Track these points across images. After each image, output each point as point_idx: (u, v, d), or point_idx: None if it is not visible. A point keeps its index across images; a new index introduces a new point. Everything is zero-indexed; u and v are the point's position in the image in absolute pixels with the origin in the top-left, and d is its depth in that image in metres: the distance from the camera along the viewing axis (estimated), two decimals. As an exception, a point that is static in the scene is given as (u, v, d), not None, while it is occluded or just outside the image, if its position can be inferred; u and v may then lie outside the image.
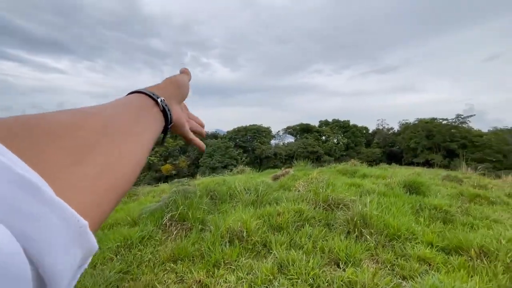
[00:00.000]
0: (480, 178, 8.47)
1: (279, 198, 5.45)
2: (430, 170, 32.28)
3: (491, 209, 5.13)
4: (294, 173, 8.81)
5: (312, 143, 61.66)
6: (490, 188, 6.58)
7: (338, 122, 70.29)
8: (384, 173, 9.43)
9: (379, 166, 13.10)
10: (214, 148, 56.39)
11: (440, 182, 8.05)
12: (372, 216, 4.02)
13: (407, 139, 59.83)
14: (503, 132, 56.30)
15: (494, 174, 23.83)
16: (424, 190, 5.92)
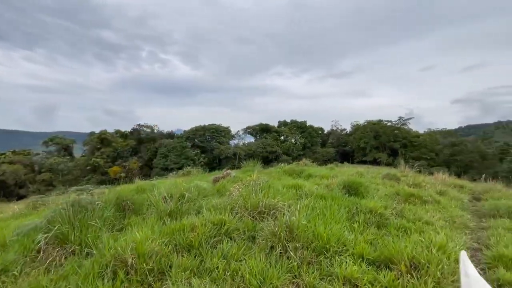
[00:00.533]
0: (416, 176, 8.74)
1: (203, 207, 4.61)
2: (376, 168, 34.57)
3: (423, 209, 5.00)
4: (236, 175, 8.08)
5: (271, 143, 62.30)
6: (423, 186, 6.65)
7: (296, 122, 72.28)
8: (329, 173, 9.25)
9: (327, 166, 13.10)
10: (169, 149, 53.29)
11: (380, 181, 8.06)
12: (300, 226, 3.41)
13: (357, 139, 64.11)
14: (436, 133, 63.90)
15: (428, 171, 26.34)
16: (362, 191, 5.63)
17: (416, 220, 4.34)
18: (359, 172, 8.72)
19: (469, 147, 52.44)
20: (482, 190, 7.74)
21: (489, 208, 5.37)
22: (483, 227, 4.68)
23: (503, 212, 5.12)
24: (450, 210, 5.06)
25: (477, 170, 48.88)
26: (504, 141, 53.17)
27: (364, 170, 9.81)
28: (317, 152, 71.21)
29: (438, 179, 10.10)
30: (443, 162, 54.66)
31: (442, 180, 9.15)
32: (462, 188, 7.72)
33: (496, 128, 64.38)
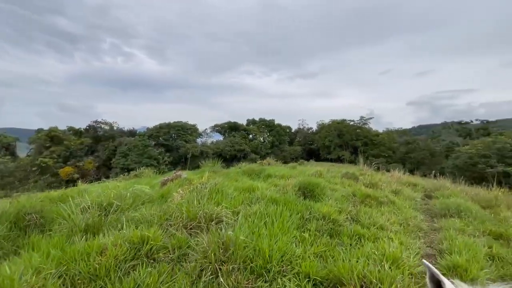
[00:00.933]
0: (373, 175, 8.74)
1: (131, 219, 3.82)
2: (337, 167, 35.53)
3: (379, 211, 4.75)
4: (187, 177, 7.29)
5: (240, 142, 61.64)
6: (380, 185, 6.52)
7: (264, 121, 72.48)
8: (290, 173, 8.89)
9: (290, 165, 12.80)
10: (130, 147, 49.80)
11: (339, 181, 7.87)
12: (238, 242, 2.83)
13: (322, 137, 66.29)
14: (393, 132, 68.72)
15: (386, 168, 27.82)
16: (318, 193, 5.25)
17: (371, 225, 4.02)
18: (319, 171, 8.48)
19: (421, 145, 57.16)
20: (433, 187, 7.96)
21: (440, 208, 5.34)
22: (435, 228, 4.56)
23: (453, 212, 5.10)
24: (404, 212, 4.88)
25: (427, 166, 53.44)
26: (449, 140, 58.85)
27: (324, 170, 9.65)
28: (285, 150, 72.27)
29: (394, 177, 10.34)
30: (399, 159, 58.92)
31: (398, 179, 9.31)
32: (416, 186, 7.85)
33: (443, 128, 71.07)
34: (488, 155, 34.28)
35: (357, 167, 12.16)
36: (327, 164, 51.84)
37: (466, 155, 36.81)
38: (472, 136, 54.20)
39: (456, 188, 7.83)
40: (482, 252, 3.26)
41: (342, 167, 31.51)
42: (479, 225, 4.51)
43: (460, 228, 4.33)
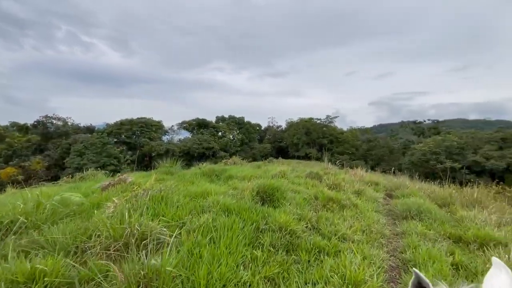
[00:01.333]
0: (336, 174, 8.57)
1: (32, 242, 2.94)
2: (303, 165, 35.91)
3: (341, 216, 4.39)
4: (133, 180, 6.37)
5: (208, 139, 60.03)
6: (342, 186, 6.26)
7: (234, 118, 71.60)
8: (253, 173, 8.35)
9: (256, 163, 12.29)
10: (86, 145, 45.60)
11: (303, 181, 7.53)
12: (164, 274, 2.17)
13: (291, 135, 67.42)
14: (356, 130, 72.33)
15: (350, 165, 28.53)
16: (278, 197, 4.76)
17: (332, 234, 3.62)
18: (283, 171, 8.07)
19: (381, 143, 60.92)
20: (394, 186, 8.01)
21: (402, 209, 5.19)
22: (398, 233, 4.34)
23: (414, 213, 4.96)
24: (367, 216, 4.61)
25: (386, 162, 57.16)
26: (406, 138, 63.57)
27: (288, 169, 9.30)
28: (255, 148, 72.22)
29: (357, 176, 10.38)
30: (362, 156, 62.24)
31: (360, 177, 9.30)
32: (377, 185, 7.83)
33: (400, 127, 76.66)
34: (438, 152, 37.49)
35: (322, 165, 12.11)
36: (295, 161, 52.81)
37: (420, 152, 39.88)
38: (425, 135, 59.09)
39: (415, 186, 7.96)
40: (447, 263, 3.00)
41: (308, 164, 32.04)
42: (439, 227, 4.39)
43: (422, 232, 4.14)
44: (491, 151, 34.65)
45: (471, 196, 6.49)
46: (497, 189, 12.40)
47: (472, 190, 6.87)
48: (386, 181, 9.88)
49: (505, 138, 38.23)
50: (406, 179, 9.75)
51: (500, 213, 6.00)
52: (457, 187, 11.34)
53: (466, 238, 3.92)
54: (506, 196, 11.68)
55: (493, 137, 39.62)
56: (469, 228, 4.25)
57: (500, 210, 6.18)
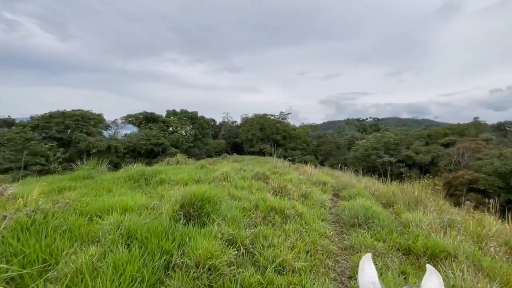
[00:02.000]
0: (284, 174, 7.98)
1: None
2: (259, 159, 35.70)
3: (283, 232, 3.63)
4: (15, 193, 4.70)
5: (157, 134, 55.80)
6: (288, 190, 5.59)
7: (186, 112, 68.02)
8: (192, 176, 7.22)
9: (199, 163, 11.10)
10: (3, 141, 38.00)
11: (248, 184, 6.70)
12: None
13: (245, 131, 67.08)
14: (307, 127, 75.57)
15: (301, 159, 29.10)
16: (209, 210, 3.79)
17: (269, 262, 2.80)
18: (225, 173, 7.12)
19: (329, 139, 64.66)
20: (341, 185, 7.76)
21: (349, 215, 4.72)
22: (346, 247, 3.76)
23: (362, 220, 4.52)
24: (313, 227, 3.95)
25: (334, 157, 60.99)
26: (351, 134, 68.64)
27: (233, 169, 8.40)
28: (209, 144, 69.94)
29: (306, 174, 10.05)
30: (312, 151, 65.32)
31: (309, 176, 8.91)
32: (325, 185, 7.46)
33: (346, 124, 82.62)
34: (378, 148, 41.07)
35: (276, 161, 11.56)
36: (249, 157, 52.63)
37: (363, 148, 43.22)
38: (367, 132, 64.60)
39: (360, 185, 7.82)
40: None
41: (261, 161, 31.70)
42: (388, 236, 3.97)
43: (371, 244, 3.64)
44: (420, 147, 39.27)
45: (412, 195, 6.47)
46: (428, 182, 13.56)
47: (412, 188, 6.90)
48: (334, 180, 9.72)
49: (430, 135, 43.78)
50: (352, 176, 9.73)
51: (438, 211, 6.04)
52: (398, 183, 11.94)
53: (416, 250, 3.52)
54: (436, 189, 12.69)
55: (421, 134, 45.06)
56: (417, 235, 3.91)
57: (439, 208, 6.24)
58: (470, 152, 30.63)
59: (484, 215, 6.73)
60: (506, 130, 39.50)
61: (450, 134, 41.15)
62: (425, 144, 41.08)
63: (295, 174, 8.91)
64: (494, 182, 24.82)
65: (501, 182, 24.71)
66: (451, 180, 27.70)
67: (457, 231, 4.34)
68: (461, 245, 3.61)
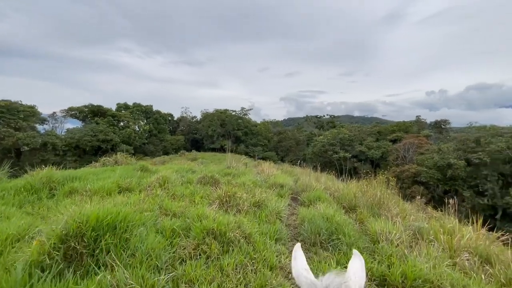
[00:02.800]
0: (238, 176, 6.92)
1: None
2: (219, 155, 34.29)
3: (219, 271, 2.52)
4: None
5: (106, 130, 50.25)
6: (238, 198, 4.51)
7: (140, 106, 62.74)
8: (119, 183, 5.71)
9: (139, 164, 9.41)
10: None
11: (190, 190, 5.46)
12: None
13: (205, 127, 64.65)
14: (268, 123, 75.90)
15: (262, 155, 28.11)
16: (112, 243, 2.50)
17: None
18: (164, 177, 5.76)
19: (289, 135, 65.76)
20: (300, 187, 6.97)
21: (310, 230, 3.82)
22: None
23: (324, 237, 3.66)
24: (263, 256, 2.92)
25: (294, 153, 62.26)
26: (309, 130, 70.81)
27: (177, 170, 7.06)
28: (166, 140, 65.71)
29: (263, 173, 9.14)
30: (273, 148, 65.79)
31: (266, 177, 7.98)
32: (283, 188, 6.58)
33: (305, 120, 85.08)
34: (334, 144, 42.68)
35: (231, 160, 10.46)
36: (209, 154, 50.58)
37: (320, 144, 44.54)
38: (324, 128, 67.18)
39: (320, 186, 7.14)
40: None
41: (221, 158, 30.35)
42: (356, 259, 3.16)
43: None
44: (372, 142, 41.84)
45: (374, 198, 5.94)
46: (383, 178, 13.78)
47: (373, 189, 6.39)
48: (292, 180, 8.97)
49: (380, 132, 47.01)
50: (311, 175, 9.10)
51: (402, 214, 5.57)
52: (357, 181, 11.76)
53: (393, 280, 2.72)
54: (391, 185, 12.85)
55: (372, 130, 48.13)
56: (390, 256, 3.15)
57: (402, 211, 5.78)
58: (414, 148, 33.43)
59: (443, 215, 6.51)
60: (441, 127, 44.30)
61: (397, 130, 44.67)
62: (376, 140, 43.92)
63: (250, 175, 7.90)
64: (434, 175, 27.22)
65: (439, 175, 27.21)
66: (398, 174, 29.75)
67: (430, 244, 3.74)
68: (442, 267, 2.93)
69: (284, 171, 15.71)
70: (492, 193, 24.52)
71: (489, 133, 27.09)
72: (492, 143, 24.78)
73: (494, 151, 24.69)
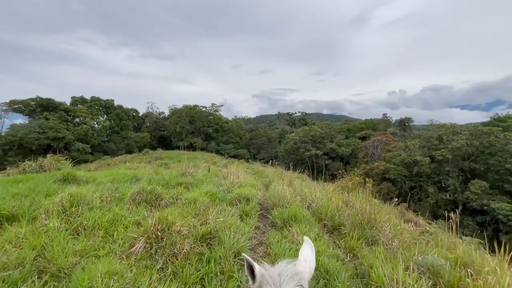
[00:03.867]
0: (185, 195, 5.32)
1: None
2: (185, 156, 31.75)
3: None
4: None
5: (57, 126, 44.68)
6: (175, 232, 2.92)
7: (98, 101, 57.17)
8: (6, 202, 3.80)
9: (62, 171, 7.27)
10: None
11: (114, 214, 3.73)
12: None
13: (173, 123, 61.13)
14: (240, 120, 74.22)
15: (233, 155, 26.49)
16: None
17: None
18: (75, 196, 3.94)
19: (261, 132, 64.76)
20: (271, 201, 5.54)
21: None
22: None
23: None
24: None
25: (266, 150, 61.39)
26: (281, 127, 70.52)
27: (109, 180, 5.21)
28: (129, 138, 60.81)
29: (229, 176, 7.59)
30: (245, 145, 64.28)
31: (230, 185, 6.45)
32: (249, 202, 5.11)
33: (277, 118, 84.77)
34: (306, 141, 42.43)
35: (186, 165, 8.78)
36: (176, 152, 47.41)
37: (292, 141, 44.05)
38: (296, 125, 67.24)
39: (295, 198, 5.79)
40: None
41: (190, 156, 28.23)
42: None
43: None
44: (342, 140, 42.31)
45: (363, 213, 4.71)
46: (359, 180, 13.00)
47: (362, 204, 5.15)
48: (263, 186, 7.57)
49: (350, 129, 47.90)
50: (283, 173, 7.75)
51: (395, 233, 4.38)
52: (334, 184, 10.71)
53: None
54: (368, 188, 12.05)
55: (342, 128, 48.92)
56: None
57: (395, 229, 4.61)
58: (382, 145, 34.19)
59: (439, 227, 5.51)
60: (405, 125, 46.36)
61: (365, 128, 45.79)
62: (346, 138, 44.59)
63: (210, 185, 6.31)
64: (401, 172, 27.80)
65: (406, 171, 27.85)
66: (368, 171, 30.05)
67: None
68: None
69: (255, 171, 14.31)
70: (453, 188, 25.59)
71: (450, 131, 28.36)
72: (453, 140, 25.84)
73: (455, 148, 25.76)
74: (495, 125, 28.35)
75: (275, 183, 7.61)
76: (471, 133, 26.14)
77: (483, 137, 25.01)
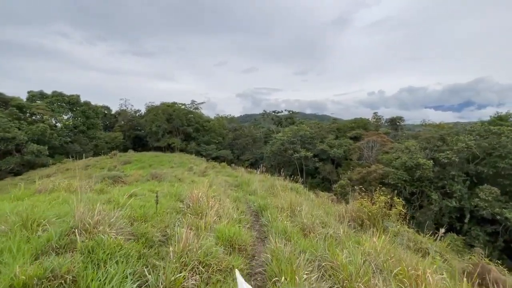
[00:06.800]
0: None
1: None
2: (159, 158, 26.56)
3: None
4: None
5: (5, 125, 38.13)
6: None
7: (61, 96, 50.43)
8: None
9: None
10: None
11: None
12: None
13: (149, 122, 55.63)
14: (223, 119, 69.73)
15: (214, 156, 22.24)
16: None
17: None
18: None
19: (246, 131, 60.73)
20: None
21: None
22: None
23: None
24: None
25: (250, 151, 57.49)
26: (267, 127, 66.87)
27: None
28: (98, 138, 54.47)
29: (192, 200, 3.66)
30: (228, 146, 59.94)
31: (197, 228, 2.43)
32: None
33: (262, 116, 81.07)
34: (294, 142, 39.00)
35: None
36: (150, 154, 42.24)
37: (280, 142, 40.46)
38: (282, 125, 63.83)
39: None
40: None
41: (164, 159, 23.91)
42: None
43: None
44: (333, 140, 39.27)
45: None
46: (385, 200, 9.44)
47: None
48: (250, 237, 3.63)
49: (339, 129, 45.08)
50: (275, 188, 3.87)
51: None
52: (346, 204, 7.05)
53: None
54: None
55: (332, 127, 46.02)
56: None
57: None
58: (377, 146, 31.43)
59: None
60: (397, 124, 44.32)
61: (356, 127, 43.11)
62: (336, 138, 41.65)
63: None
64: (402, 176, 24.91)
65: (407, 176, 24.99)
66: (365, 175, 26.98)
67: None
68: None
69: (239, 183, 10.49)
70: (460, 194, 22.97)
71: (453, 131, 25.96)
72: (460, 141, 23.27)
73: (462, 150, 23.19)
74: (498, 124, 26.23)
75: (269, 211, 3.70)
76: (478, 133, 23.78)
77: (492, 138, 22.64)
